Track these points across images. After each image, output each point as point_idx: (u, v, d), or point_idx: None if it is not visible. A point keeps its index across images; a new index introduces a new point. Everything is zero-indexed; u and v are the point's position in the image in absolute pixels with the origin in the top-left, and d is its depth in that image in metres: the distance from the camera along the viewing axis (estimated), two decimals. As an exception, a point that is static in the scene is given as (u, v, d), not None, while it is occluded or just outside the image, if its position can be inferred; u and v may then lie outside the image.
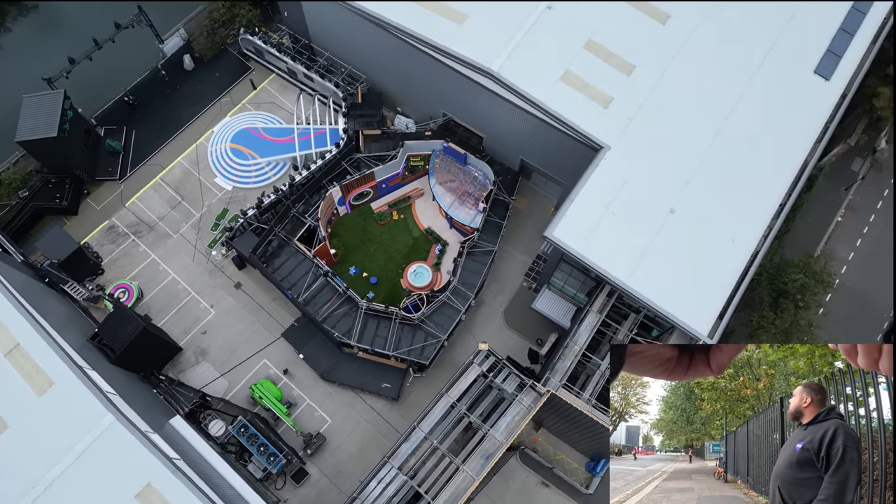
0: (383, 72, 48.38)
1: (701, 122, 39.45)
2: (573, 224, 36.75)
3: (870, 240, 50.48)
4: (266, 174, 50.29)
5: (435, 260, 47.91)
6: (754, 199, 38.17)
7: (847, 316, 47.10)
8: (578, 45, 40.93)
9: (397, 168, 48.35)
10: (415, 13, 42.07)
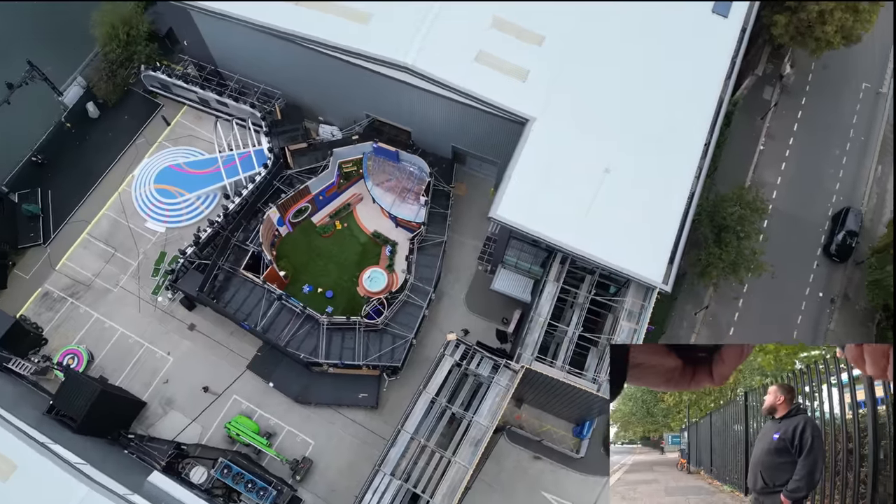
0: (297, 84, 47.54)
1: (615, 80, 40.32)
2: (514, 200, 37.08)
3: (792, 163, 52.84)
4: (198, 209, 48.84)
5: (387, 262, 47.60)
6: (680, 143, 39.34)
7: (785, 238, 49.26)
8: (486, 25, 41.17)
9: (331, 178, 47.70)
10: (317, 20, 41.42)
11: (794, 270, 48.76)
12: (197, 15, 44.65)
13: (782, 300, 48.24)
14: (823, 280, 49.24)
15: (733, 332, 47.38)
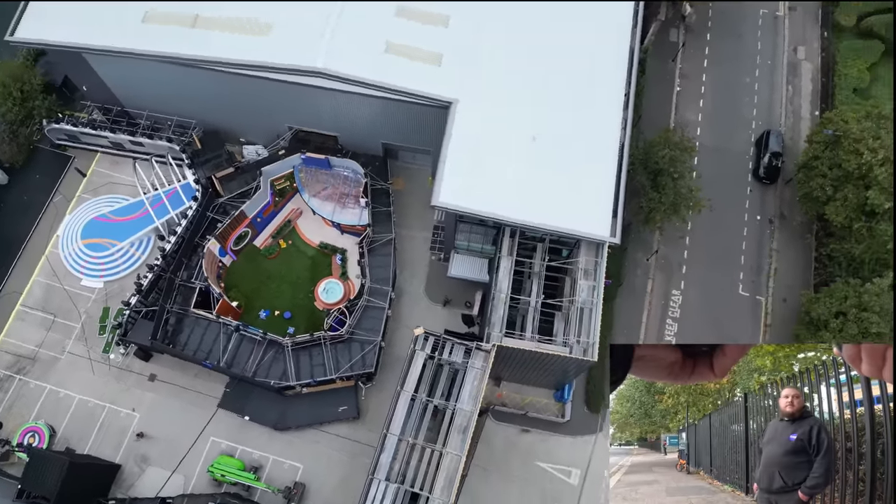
0: (211, 109, 46.07)
1: (527, 48, 40.63)
2: (453, 184, 37.03)
3: (709, 98, 54.49)
4: (133, 256, 47.00)
5: (340, 271, 46.94)
6: (601, 99, 39.99)
7: (716, 170, 50.78)
8: (390, 15, 40.77)
9: (265, 198, 46.59)
10: (216, 40, 40.13)
11: (729, 200, 50.43)
12: (91, 57, 42.70)
13: (725, 230, 49.89)
14: (758, 203, 51.13)
15: (686, 270, 48.77)
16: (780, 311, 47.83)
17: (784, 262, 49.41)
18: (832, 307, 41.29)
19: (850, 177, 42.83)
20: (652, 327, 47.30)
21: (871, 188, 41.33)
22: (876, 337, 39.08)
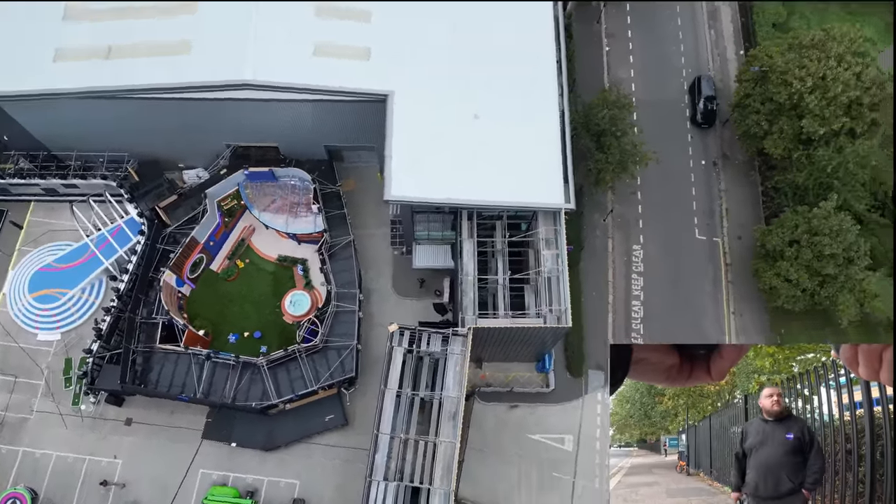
0: (142, 138, 44.50)
1: (453, 30, 40.52)
2: (403, 176, 36.77)
3: (637, 53, 55.32)
4: (87, 302, 45.39)
5: (304, 281, 46.25)
6: (534, 70, 40.23)
7: (655, 123, 51.58)
8: (310, 17, 40.10)
9: (214, 220, 45.51)
10: (137, 67, 38.80)
11: (673, 149, 51.42)
12: (7, 105, 40.82)
13: (673, 179, 50.92)
14: (701, 148, 52.34)
15: (642, 225, 49.67)
16: (737, 248, 49.20)
17: (733, 201, 50.78)
18: (785, 236, 42.66)
19: (782, 109, 44.13)
20: (619, 286, 48.12)
21: (804, 117, 42.67)
22: (830, 258, 40.60)
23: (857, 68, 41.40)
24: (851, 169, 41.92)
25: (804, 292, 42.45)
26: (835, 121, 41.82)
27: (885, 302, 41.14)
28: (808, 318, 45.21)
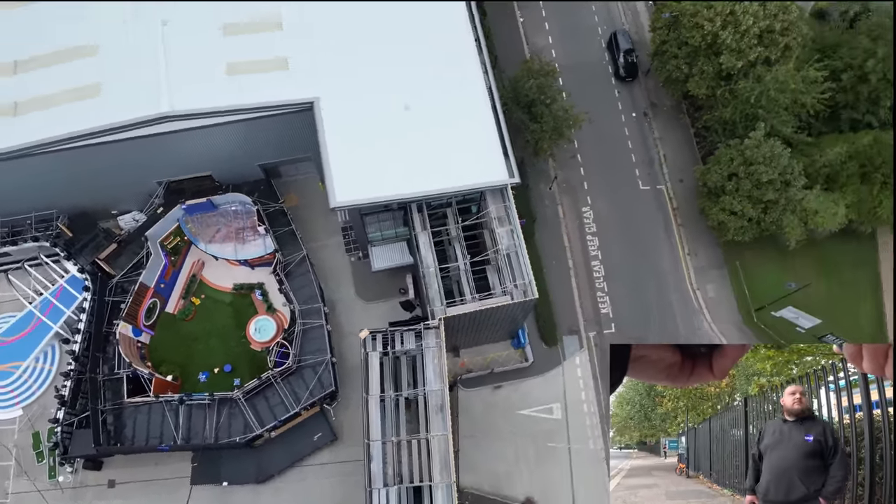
0: (68, 191, 42.48)
1: (366, 25, 39.98)
2: (344, 181, 36.21)
3: (552, 20, 55.81)
4: (43, 371, 43.50)
5: (265, 305, 45.30)
6: (454, 52, 40.08)
7: (581, 85, 52.21)
8: (218, 36, 38.97)
9: (160, 262, 44.06)
10: (47, 119, 37.03)
11: (603, 107, 52.21)
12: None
13: (609, 137, 51.76)
14: (629, 101, 53.32)
15: (587, 186, 50.39)
16: (681, 192, 50.46)
17: (669, 146, 51.98)
18: (723, 172, 43.95)
19: (699, 50, 45.22)
20: (576, 249, 48.78)
21: (720, 54, 43.83)
22: (768, 184, 42.01)
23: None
24: (773, 95, 43.32)
25: (750, 221, 43.88)
26: (750, 52, 43.13)
27: (824, 216, 42.85)
28: (759, 245, 46.82)
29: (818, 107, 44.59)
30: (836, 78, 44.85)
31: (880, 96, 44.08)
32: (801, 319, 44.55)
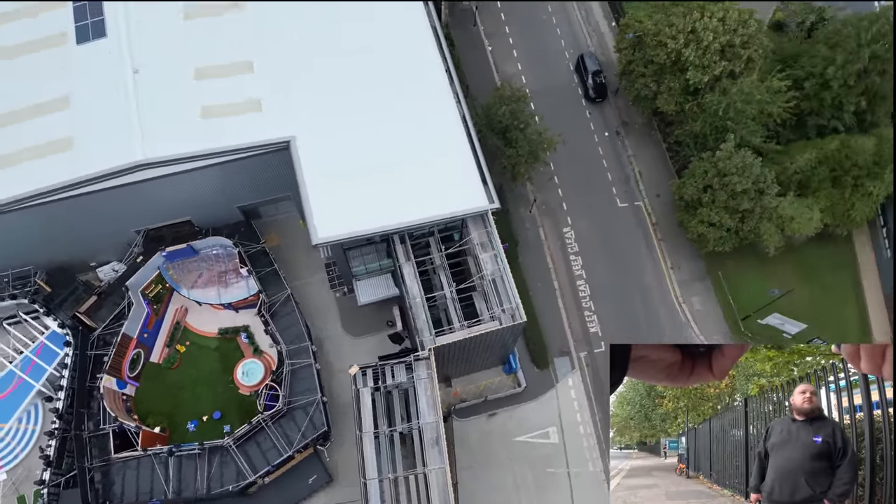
0: (45, 247, 41.96)
1: (338, 62, 40.43)
2: (325, 217, 36.27)
3: (519, 47, 56.82)
4: (26, 432, 42.30)
5: (251, 348, 44.68)
6: (426, 82, 40.59)
7: (553, 108, 53.01)
8: (190, 81, 39.10)
9: (142, 311, 43.40)
10: (18, 176, 36.69)
11: (576, 129, 52.96)
12: None
13: (584, 157, 52.42)
14: (600, 121, 54.18)
15: (566, 206, 50.81)
16: (659, 207, 51.07)
17: (643, 163, 52.74)
18: (698, 184, 44.62)
19: (665, 68, 46.29)
20: (560, 270, 48.96)
21: (686, 70, 44.86)
22: (743, 194, 42.69)
23: (720, 14, 43.94)
24: (739, 107, 44.30)
25: (729, 232, 44.46)
26: (714, 67, 44.19)
27: (800, 221, 43.55)
28: (739, 255, 47.38)
29: (784, 115, 45.64)
30: (798, 87, 46.02)
31: (843, 102, 45.21)
32: (787, 325, 44.90)
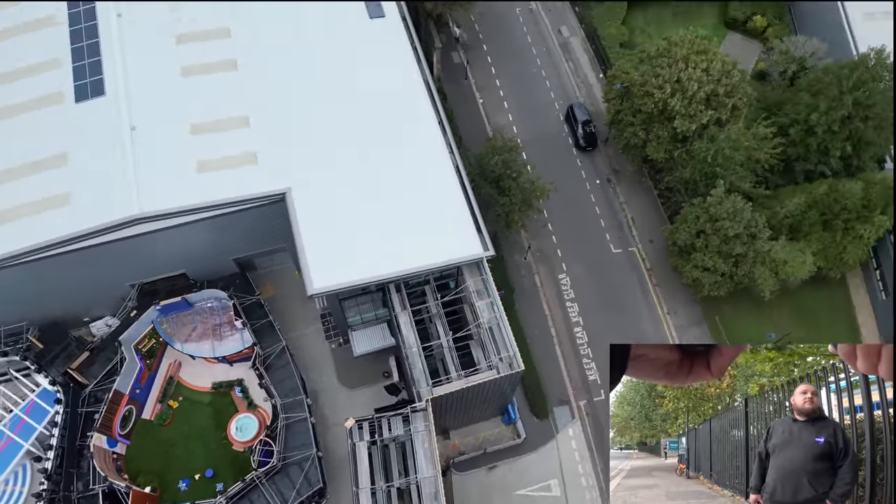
0: (39, 303, 41.68)
1: (334, 115, 41.27)
2: (320, 267, 36.31)
3: (510, 99, 58.23)
4: (14, 493, 40.85)
5: (245, 402, 43.91)
6: (420, 134, 41.37)
7: (544, 157, 53.87)
8: (186, 136, 39.70)
9: (135, 366, 42.81)
10: (14, 232, 36.77)
11: (567, 177, 53.77)
12: None
13: (576, 205, 53.07)
14: (591, 169, 55.07)
15: (561, 253, 51.08)
16: (653, 252, 51.41)
17: (635, 209, 53.36)
18: (690, 230, 45.03)
19: (652, 116, 47.36)
20: (557, 317, 48.83)
21: (673, 119, 45.88)
22: (735, 238, 43.05)
23: (704, 65, 45.25)
24: (728, 153, 45.14)
25: (723, 276, 44.63)
26: (701, 115, 45.24)
27: (793, 265, 43.83)
28: (735, 299, 47.46)
29: (772, 161, 46.52)
30: (784, 133, 47.06)
31: (829, 147, 46.13)
32: (786, 368, 44.57)
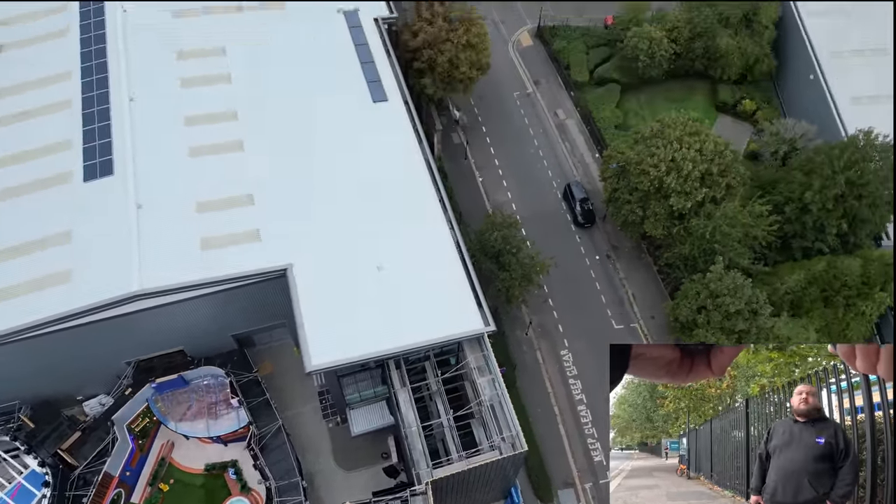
0: (33, 381, 40.99)
1: (338, 195, 42.19)
2: (319, 343, 36.05)
3: (509, 178, 59.60)
4: (-10, 584, 38.83)
5: (238, 485, 42.37)
6: (421, 212, 42.16)
7: (543, 233, 54.52)
8: (192, 214, 40.34)
9: (127, 447, 41.57)
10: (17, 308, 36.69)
11: (567, 253, 54.23)
12: None
13: (577, 281, 53.23)
14: (590, 245, 55.61)
15: (562, 329, 50.77)
16: (654, 328, 51.10)
17: (635, 285, 53.46)
18: (691, 306, 44.94)
19: (649, 194, 48.29)
20: (560, 394, 47.95)
21: (669, 196, 46.77)
22: (737, 315, 42.89)
23: (697, 145, 46.63)
24: (725, 230, 45.73)
25: (727, 352, 44.07)
26: (696, 193, 46.16)
27: (797, 341, 43.40)
28: (740, 375, 46.64)
29: (769, 238, 47.04)
30: (780, 211, 47.84)
31: (825, 224, 46.76)
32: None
